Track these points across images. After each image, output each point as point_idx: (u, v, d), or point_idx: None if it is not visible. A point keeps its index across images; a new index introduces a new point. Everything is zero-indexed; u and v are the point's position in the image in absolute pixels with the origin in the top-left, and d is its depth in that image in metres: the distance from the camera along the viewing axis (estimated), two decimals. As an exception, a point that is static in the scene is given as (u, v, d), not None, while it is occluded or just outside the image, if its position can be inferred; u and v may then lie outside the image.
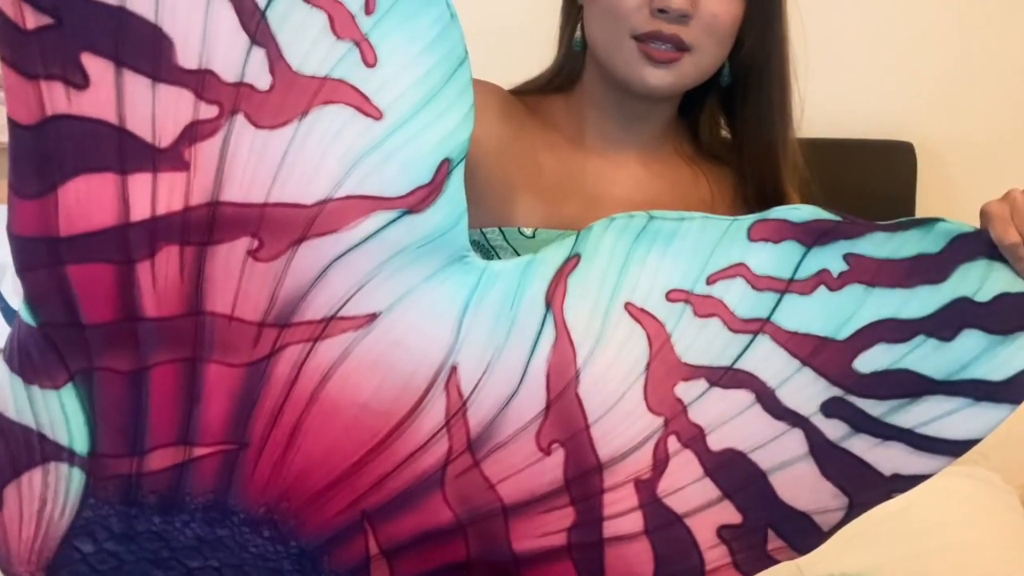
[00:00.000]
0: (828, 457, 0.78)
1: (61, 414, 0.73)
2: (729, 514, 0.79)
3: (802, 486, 0.79)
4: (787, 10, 0.98)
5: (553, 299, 0.76)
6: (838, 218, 0.75)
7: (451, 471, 0.77)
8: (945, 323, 0.75)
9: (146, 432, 0.74)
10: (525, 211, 0.97)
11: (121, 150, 0.68)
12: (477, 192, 0.97)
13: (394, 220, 0.72)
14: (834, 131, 1.00)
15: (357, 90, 0.70)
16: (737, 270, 0.75)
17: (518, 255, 0.92)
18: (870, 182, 1.81)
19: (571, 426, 0.77)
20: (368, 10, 0.69)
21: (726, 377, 0.77)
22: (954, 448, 0.78)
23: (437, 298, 0.75)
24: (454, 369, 0.76)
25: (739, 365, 0.77)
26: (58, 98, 0.68)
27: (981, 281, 0.75)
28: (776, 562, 0.81)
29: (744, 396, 0.77)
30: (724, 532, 0.80)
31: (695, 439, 0.78)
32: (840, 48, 0.98)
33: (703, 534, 0.80)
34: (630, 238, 0.76)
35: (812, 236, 0.75)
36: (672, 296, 0.76)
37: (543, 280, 0.76)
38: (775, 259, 0.75)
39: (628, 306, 0.76)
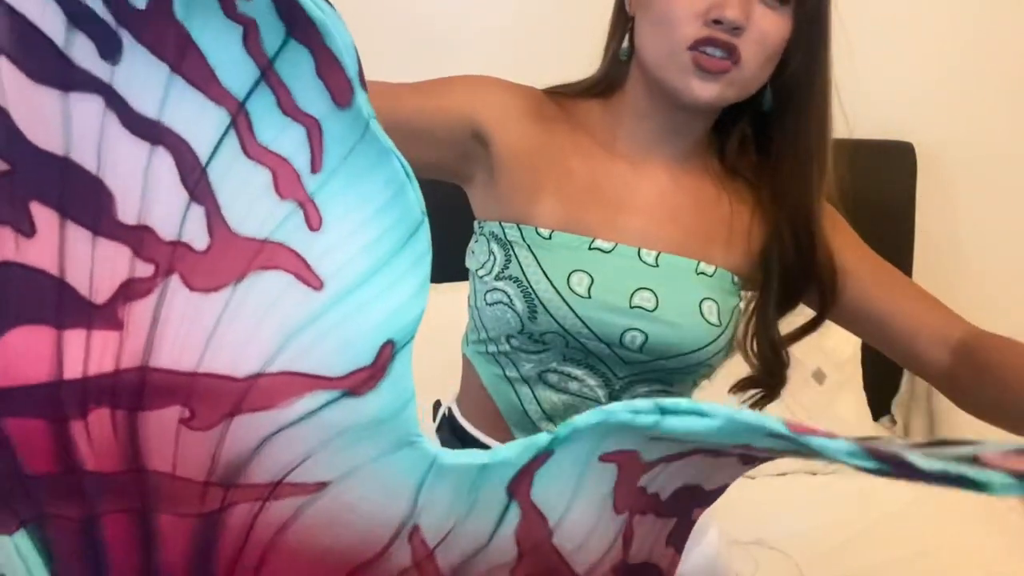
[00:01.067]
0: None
1: (18, 558, 0.70)
2: (671, 524, 0.78)
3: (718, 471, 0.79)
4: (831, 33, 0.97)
5: (517, 491, 0.68)
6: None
7: None
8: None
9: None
10: (546, 212, 0.97)
11: (60, 303, 0.64)
12: (502, 191, 0.98)
13: (332, 401, 0.65)
14: (834, 131, 1.00)
15: (298, 255, 0.63)
16: None
17: (533, 254, 0.93)
18: (870, 182, 1.81)
19: (547, 564, 0.72)
20: (314, 168, 0.62)
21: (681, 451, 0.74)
22: None
23: (388, 477, 0.68)
24: (416, 527, 0.70)
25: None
26: (6, 244, 0.64)
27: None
28: (694, 522, 0.82)
29: (695, 458, 0.74)
30: (670, 539, 0.79)
31: (653, 503, 0.75)
32: (840, 48, 0.98)
33: (662, 558, 0.78)
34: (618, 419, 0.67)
35: None
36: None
37: (502, 480, 0.68)
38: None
39: (603, 456, 0.69)
